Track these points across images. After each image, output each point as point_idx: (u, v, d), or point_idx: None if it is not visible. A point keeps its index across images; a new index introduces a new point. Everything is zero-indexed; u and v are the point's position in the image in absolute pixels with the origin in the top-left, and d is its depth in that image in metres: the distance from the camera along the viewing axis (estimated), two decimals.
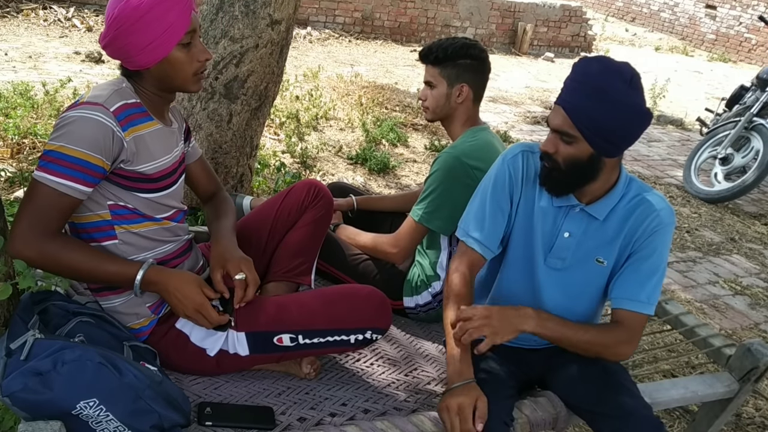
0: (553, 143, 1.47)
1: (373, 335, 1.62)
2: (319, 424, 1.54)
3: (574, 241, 1.57)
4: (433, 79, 2.02)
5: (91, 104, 1.34)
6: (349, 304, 1.61)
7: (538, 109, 6.67)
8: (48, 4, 6.93)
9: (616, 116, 1.39)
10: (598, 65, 1.41)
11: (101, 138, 1.32)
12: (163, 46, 1.39)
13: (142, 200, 1.47)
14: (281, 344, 1.57)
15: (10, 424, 1.55)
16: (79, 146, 1.30)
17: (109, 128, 1.34)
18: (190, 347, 1.55)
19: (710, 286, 3.61)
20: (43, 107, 3.92)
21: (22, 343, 1.24)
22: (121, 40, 1.37)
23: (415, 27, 8.88)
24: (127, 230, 1.46)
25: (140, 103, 1.45)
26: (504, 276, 1.70)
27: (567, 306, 1.63)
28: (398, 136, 4.93)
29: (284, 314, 1.58)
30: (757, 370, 1.83)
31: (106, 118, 1.33)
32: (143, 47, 1.38)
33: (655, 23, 13.26)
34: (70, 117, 1.32)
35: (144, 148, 1.43)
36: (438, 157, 1.98)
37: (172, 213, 1.55)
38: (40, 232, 1.30)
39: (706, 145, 5.11)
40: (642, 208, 1.53)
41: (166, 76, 1.44)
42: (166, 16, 1.37)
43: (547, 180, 1.53)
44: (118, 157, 1.38)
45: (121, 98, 1.40)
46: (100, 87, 1.41)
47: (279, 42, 2.63)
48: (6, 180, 3.07)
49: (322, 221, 1.86)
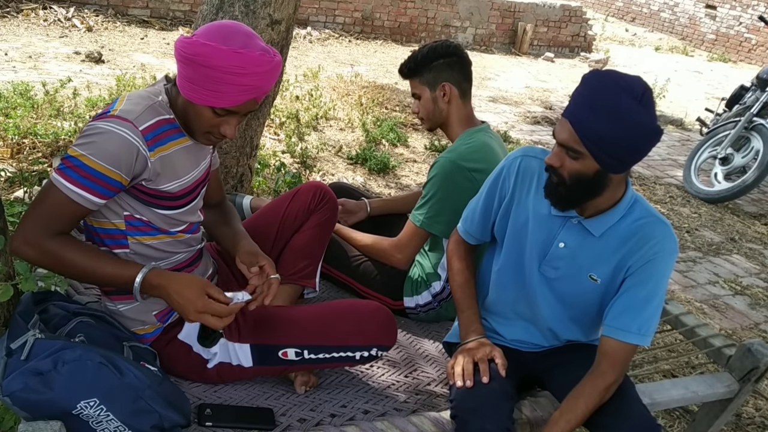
0: (558, 157, 1.43)
1: (378, 352, 1.62)
2: (319, 425, 1.54)
3: (569, 252, 1.54)
4: (417, 89, 2.04)
5: (121, 119, 1.32)
6: (355, 321, 1.61)
7: (538, 109, 6.67)
8: (48, 4, 6.92)
9: (625, 134, 1.33)
10: (608, 80, 1.35)
11: (125, 155, 1.31)
12: (199, 96, 1.34)
13: (159, 215, 1.45)
14: (286, 358, 1.56)
15: (10, 424, 1.55)
16: (101, 159, 1.29)
17: (134, 146, 1.32)
18: (193, 357, 1.55)
19: (710, 286, 3.61)
20: (43, 107, 3.92)
21: (22, 343, 1.24)
22: (183, 62, 1.32)
23: (415, 27, 8.87)
24: (139, 242, 1.45)
25: (174, 119, 1.43)
26: (498, 279, 1.70)
27: (563, 312, 1.62)
28: (398, 136, 4.93)
29: (290, 328, 1.57)
30: (757, 371, 1.83)
31: (133, 136, 1.32)
32: (187, 79, 1.34)
33: (655, 23, 13.26)
34: (98, 128, 1.30)
35: (170, 167, 1.41)
36: (436, 161, 1.97)
37: (186, 226, 1.54)
38: (44, 232, 1.29)
39: (706, 145, 5.11)
40: (643, 233, 1.48)
41: (187, 113, 1.41)
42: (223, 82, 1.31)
43: (552, 194, 1.49)
44: (140, 175, 1.36)
45: (155, 115, 1.38)
46: (134, 100, 1.37)
47: (279, 42, 2.63)
48: (6, 180, 3.07)
49: (328, 224, 1.87)
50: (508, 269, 1.66)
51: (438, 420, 1.51)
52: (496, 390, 1.49)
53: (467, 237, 1.77)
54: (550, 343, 1.69)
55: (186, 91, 1.35)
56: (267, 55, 1.32)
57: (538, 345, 1.70)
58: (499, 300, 1.71)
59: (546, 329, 1.66)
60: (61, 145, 3.52)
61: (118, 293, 1.48)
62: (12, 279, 1.40)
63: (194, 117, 1.39)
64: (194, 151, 1.49)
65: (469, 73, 2.06)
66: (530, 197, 1.60)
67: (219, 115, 1.37)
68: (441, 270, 2.06)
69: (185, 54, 1.31)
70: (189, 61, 1.31)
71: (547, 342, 1.69)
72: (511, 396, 1.54)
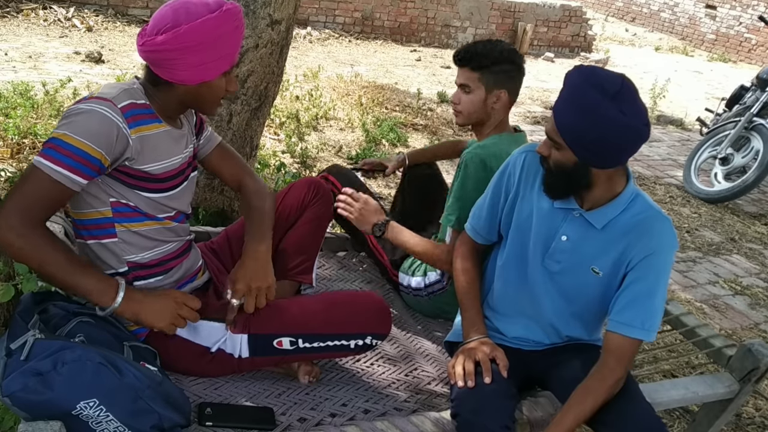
0: (546, 147, 1.50)
1: (373, 341, 1.63)
2: (320, 425, 1.54)
3: (571, 245, 1.56)
4: (471, 83, 1.93)
5: (100, 99, 1.35)
6: (349, 309, 1.62)
7: (538, 109, 6.67)
8: (48, 4, 6.92)
9: (596, 129, 1.36)
10: (582, 76, 1.40)
11: (105, 132, 1.32)
12: (213, 70, 1.42)
13: (145, 199, 1.46)
14: (281, 347, 1.57)
15: (10, 424, 1.55)
16: (82, 137, 1.30)
17: (114, 123, 1.34)
18: (190, 347, 1.55)
19: (710, 286, 3.61)
20: (43, 107, 3.91)
21: (22, 343, 1.24)
22: (176, 53, 1.37)
23: (415, 27, 8.87)
24: (127, 229, 1.46)
25: (148, 105, 1.45)
26: (502, 275, 1.70)
27: (565, 307, 1.63)
28: (398, 136, 4.92)
29: (285, 317, 1.58)
30: (757, 371, 1.83)
31: (113, 113, 1.34)
32: (194, 65, 1.39)
33: (655, 23, 13.26)
34: (78, 109, 1.33)
35: (150, 148, 1.43)
36: (464, 158, 1.92)
37: (173, 213, 1.55)
38: (26, 217, 1.27)
39: (706, 145, 5.11)
40: (642, 227, 1.50)
41: (198, 96, 1.46)
42: (228, 43, 1.41)
43: (544, 182, 1.56)
44: (122, 154, 1.38)
45: (130, 97, 1.40)
46: (110, 85, 1.42)
47: (279, 42, 2.62)
48: (6, 180, 3.06)
49: (323, 219, 1.86)
50: (511, 264, 1.67)
51: (439, 420, 1.51)
52: (497, 390, 1.49)
53: (474, 235, 1.78)
54: (551, 340, 1.69)
55: (198, 76, 1.41)
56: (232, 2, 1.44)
57: (539, 342, 1.70)
58: (502, 296, 1.71)
59: (548, 325, 1.66)
60: None
61: None
62: (12, 279, 1.40)
63: (208, 93, 1.46)
64: (173, 136, 1.51)
65: (521, 87, 2.02)
66: (534, 192, 1.62)
67: (227, 74, 1.46)
68: None
69: (186, 44, 1.36)
70: (193, 47, 1.37)
71: (549, 339, 1.69)
72: (512, 395, 1.54)
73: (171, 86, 1.44)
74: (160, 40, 1.36)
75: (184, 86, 1.43)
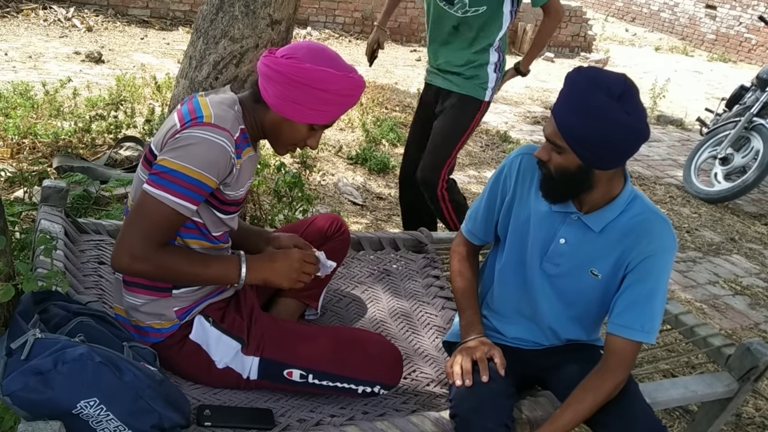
0: (546, 151, 1.47)
1: (380, 390, 1.65)
2: (319, 425, 1.54)
3: (569, 248, 1.56)
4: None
5: (218, 128, 1.37)
6: (365, 355, 1.63)
7: (538, 109, 6.68)
8: (48, 4, 6.92)
9: (600, 130, 1.35)
10: (586, 78, 1.39)
11: (222, 163, 1.37)
12: (302, 114, 1.44)
13: (215, 219, 1.49)
14: (290, 378, 1.58)
15: (10, 423, 1.55)
16: (200, 168, 1.34)
17: (229, 155, 1.39)
18: (203, 356, 1.56)
19: (710, 286, 3.61)
20: (43, 107, 3.92)
21: (22, 343, 1.24)
22: (284, 77, 1.40)
23: (415, 27, 8.87)
24: (185, 243, 1.50)
25: (246, 129, 1.49)
26: (501, 278, 1.70)
27: (563, 311, 1.63)
28: (398, 136, 4.93)
29: (300, 349, 1.59)
30: (756, 370, 1.83)
31: (229, 145, 1.38)
32: (290, 99, 1.41)
33: (655, 23, 13.26)
34: (197, 137, 1.35)
35: (242, 174, 1.48)
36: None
37: (226, 232, 1.57)
38: (152, 246, 1.35)
39: (706, 145, 5.11)
40: (642, 228, 1.49)
41: (278, 129, 1.48)
42: (332, 103, 1.44)
43: (542, 186, 1.54)
44: (225, 180, 1.42)
45: (239, 125, 1.44)
46: (222, 107, 1.43)
47: (279, 42, 2.63)
48: (6, 180, 3.07)
49: (339, 255, 1.92)
50: (510, 267, 1.67)
51: (438, 420, 1.51)
52: (495, 389, 1.50)
53: (471, 237, 1.78)
54: (550, 342, 1.70)
55: (286, 111, 1.43)
56: (361, 76, 1.49)
57: (538, 344, 1.70)
58: (501, 298, 1.71)
59: (547, 328, 1.67)
60: (61, 145, 3.52)
61: (139, 287, 1.50)
62: (13, 279, 1.40)
63: (287, 132, 1.48)
64: (255, 159, 1.56)
65: None
66: (531, 195, 1.61)
67: (314, 130, 1.48)
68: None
69: (296, 78, 1.38)
70: (300, 84, 1.39)
71: (548, 341, 1.69)
72: (510, 394, 1.54)
73: (266, 108, 1.46)
74: (281, 61, 1.40)
75: (273, 113, 1.45)
